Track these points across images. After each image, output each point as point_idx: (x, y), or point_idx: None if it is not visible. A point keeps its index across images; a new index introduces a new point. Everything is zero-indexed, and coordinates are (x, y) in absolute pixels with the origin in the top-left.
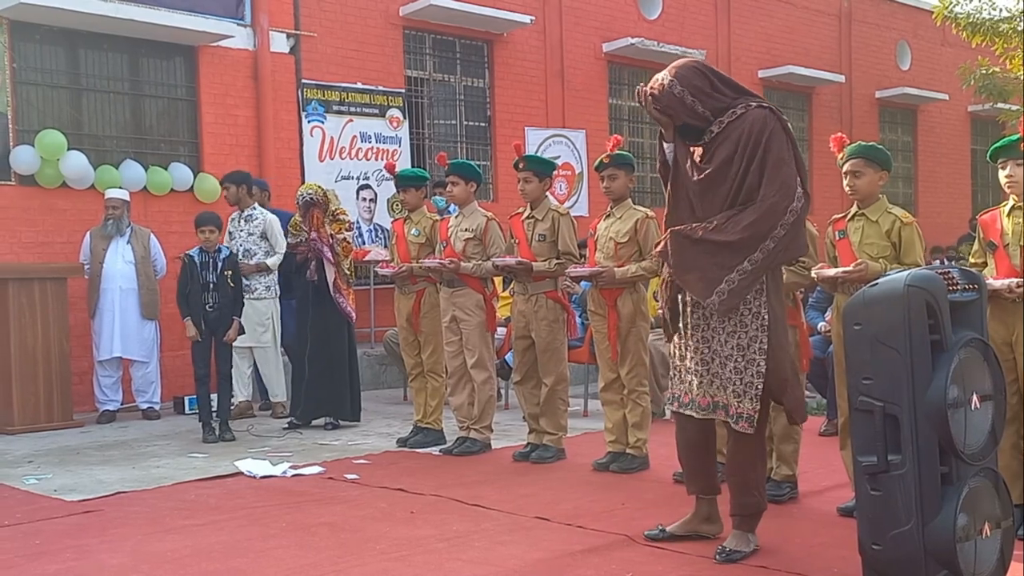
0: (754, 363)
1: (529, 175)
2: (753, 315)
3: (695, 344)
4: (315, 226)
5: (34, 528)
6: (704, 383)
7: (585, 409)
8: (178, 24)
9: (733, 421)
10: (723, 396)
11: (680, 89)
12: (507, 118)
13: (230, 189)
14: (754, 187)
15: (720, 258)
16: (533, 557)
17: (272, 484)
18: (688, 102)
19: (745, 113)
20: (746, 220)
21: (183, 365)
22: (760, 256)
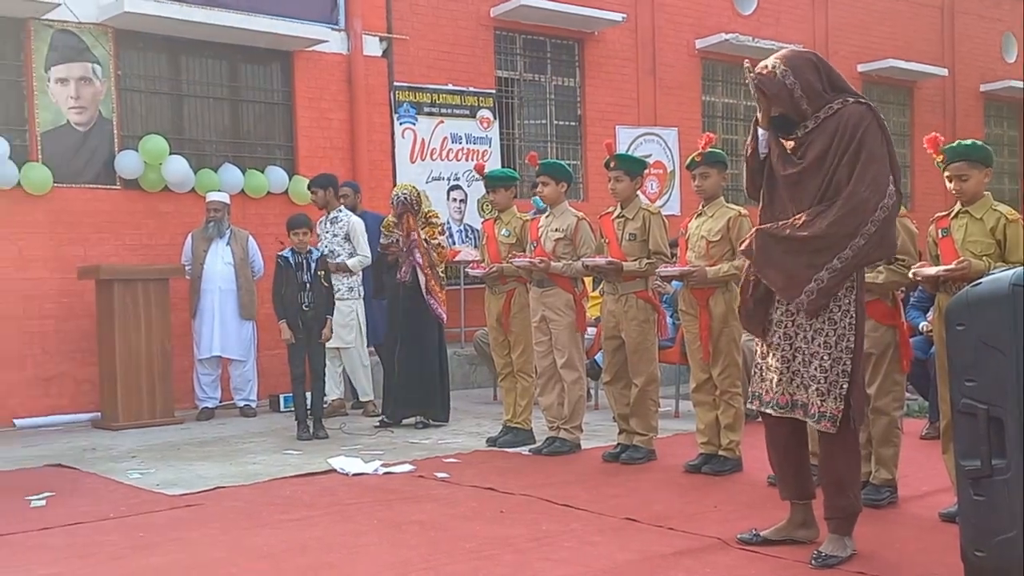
0: (840, 362)
1: (620, 174)
2: (843, 312)
3: (777, 341)
4: (409, 229)
5: (138, 521)
6: (784, 381)
7: (676, 410)
8: (275, 30)
9: (815, 420)
10: (803, 395)
11: (792, 80)
12: (598, 117)
13: (318, 193)
14: (843, 182)
15: (808, 257)
16: (623, 558)
17: (364, 482)
18: (796, 95)
19: (841, 109)
20: (831, 216)
21: (279, 364)
22: (850, 253)
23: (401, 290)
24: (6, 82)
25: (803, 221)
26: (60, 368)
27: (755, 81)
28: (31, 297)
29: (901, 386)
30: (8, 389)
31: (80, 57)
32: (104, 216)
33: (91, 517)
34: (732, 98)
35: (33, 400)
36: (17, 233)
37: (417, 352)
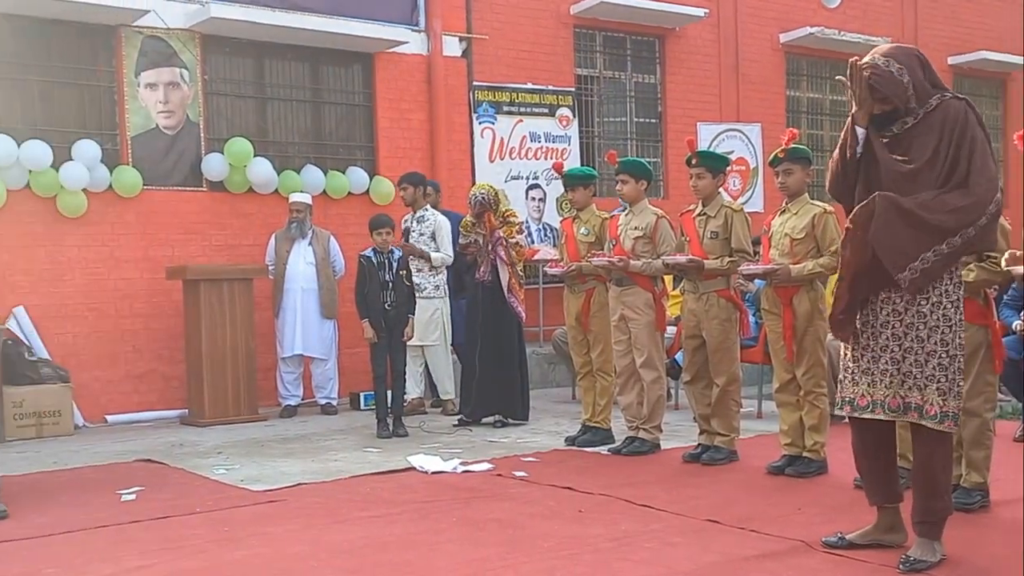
0: (956, 359)
1: (702, 171)
2: (955, 308)
3: (883, 343)
4: (491, 228)
5: (222, 515)
6: (895, 383)
7: (759, 411)
8: (356, 32)
9: (936, 421)
10: (917, 396)
11: (908, 79)
12: (679, 113)
13: (408, 190)
14: (962, 176)
15: (921, 234)
16: (705, 560)
17: (442, 480)
18: (905, 82)
19: (941, 104)
20: (954, 204)
21: (359, 362)
22: (959, 241)
23: (480, 290)
24: (98, 88)
25: (921, 200)
26: (150, 366)
27: (871, 79)
28: (123, 296)
29: (993, 387)
30: (101, 386)
31: (168, 62)
32: (191, 217)
33: (178, 511)
34: (817, 93)
35: (124, 397)
36: (109, 234)
37: (497, 351)
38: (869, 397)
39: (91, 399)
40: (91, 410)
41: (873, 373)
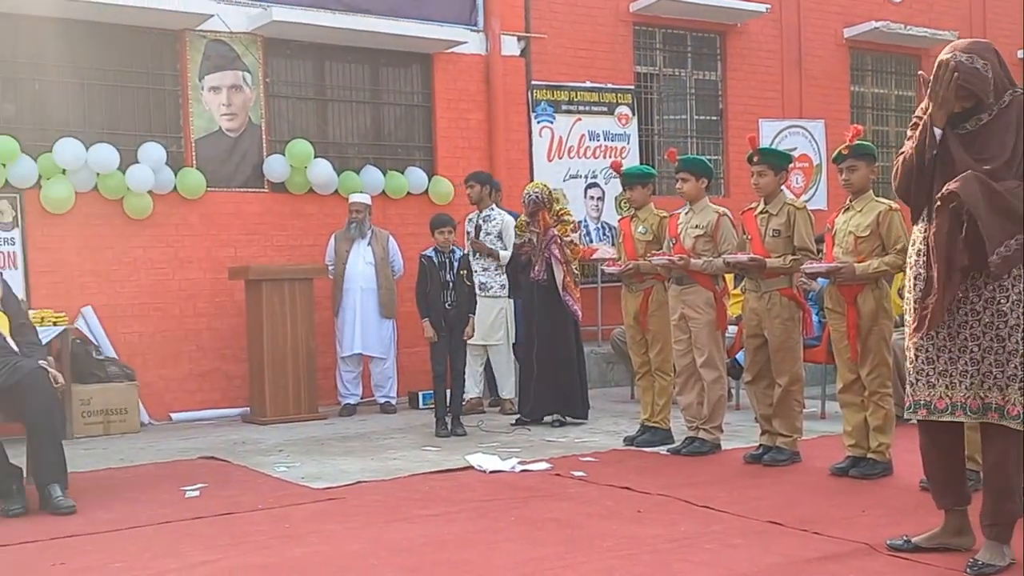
0: None
1: (764, 168)
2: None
3: (961, 343)
4: (545, 227)
5: (283, 512)
6: (975, 384)
7: (822, 411)
8: (415, 33)
9: (1019, 421)
10: (998, 396)
11: (983, 61)
12: (740, 110)
13: (474, 188)
14: None
15: (1003, 220)
16: (766, 562)
17: (501, 479)
18: (989, 77)
19: (1014, 100)
20: None
21: (417, 362)
22: None
23: (536, 289)
24: (163, 92)
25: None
26: (213, 365)
27: (961, 78)
28: (187, 296)
29: None
30: (166, 385)
31: (231, 66)
32: (253, 218)
33: (241, 508)
34: (882, 88)
35: (188, 395)
36: (174, 235)
37: (553, 350)
38: (948, 400)
39: (156, 397)
40: (156, 408)
41: (951, 375)
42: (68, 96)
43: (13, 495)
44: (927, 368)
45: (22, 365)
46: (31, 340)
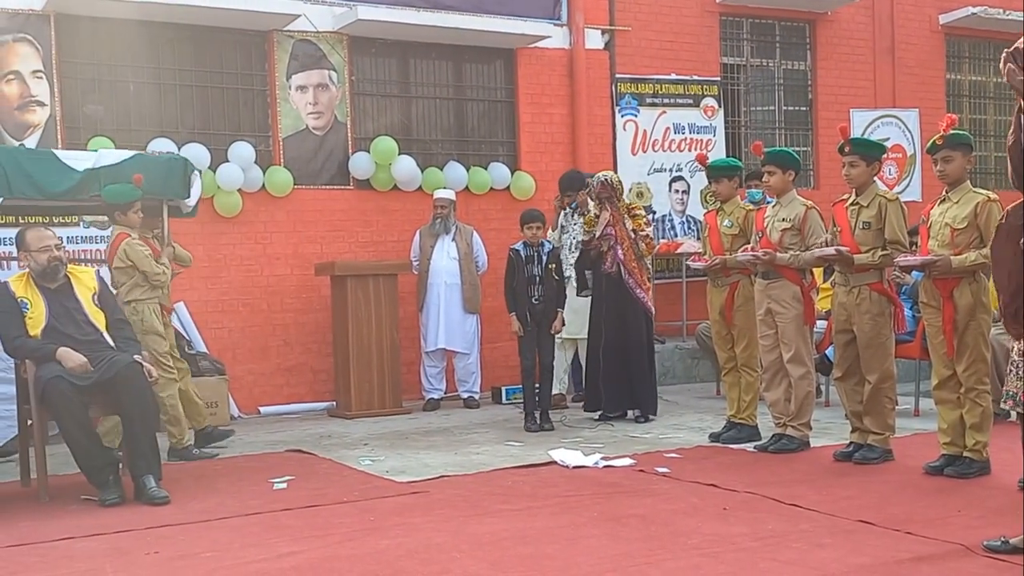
0: None
1: (855, 159)
2: None
3: None
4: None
5: (368, 505)
6: None
7: (916, 408)
8: (499, 29)
9: None
10: None
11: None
12: (830, 100)
13: (571, 196)
14: None
15: None
16: (856, 562)
17: (584, 474)
18: None
19: None
20: None
21: (501, 357)
22: None
23: (605, 283)
24: (252, 91)
25: None
26: (299, 359)
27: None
28: (275, 292)
29: None
30: (255, 379)
31: (318, 65)
32: (338, 215)
33: (327, 500)
34: (980, 76)
35: (276, 389)
36: (262, 232)
37: (622, 345)
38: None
39: (245, 391)
40: (245, 401)
41: None
42: (161, 97)
43: (110, 485)
44: (1019, 360)
45: (118, 360)
46: (126, 335)
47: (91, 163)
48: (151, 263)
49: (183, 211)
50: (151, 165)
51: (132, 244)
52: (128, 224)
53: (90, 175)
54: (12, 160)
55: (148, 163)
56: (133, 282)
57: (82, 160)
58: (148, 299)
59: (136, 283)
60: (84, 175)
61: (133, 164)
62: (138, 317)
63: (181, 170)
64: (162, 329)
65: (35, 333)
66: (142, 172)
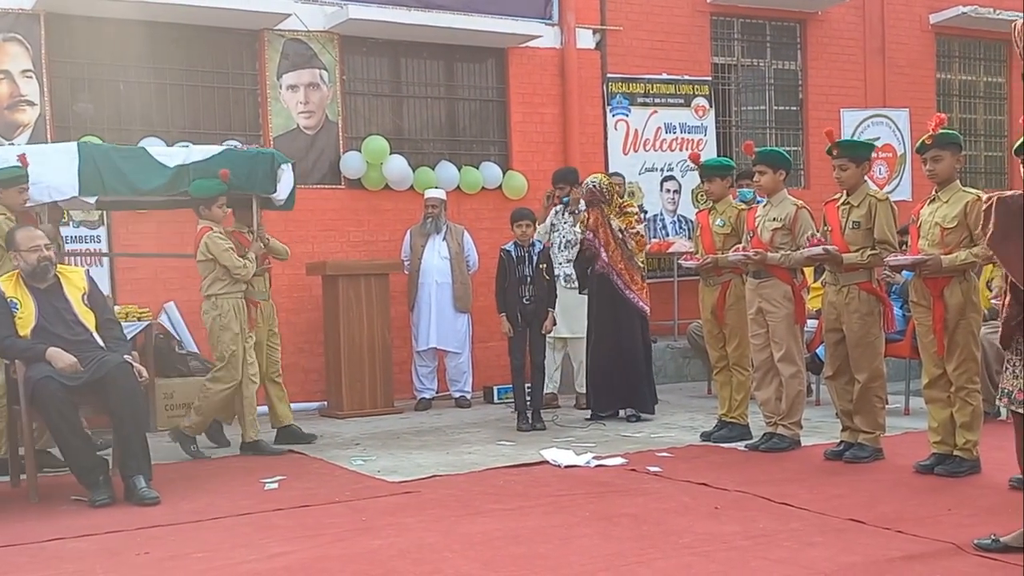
0: None
1: (844, 162)
2: None
3: None
4: (598, 224)
5: (360, 505)
6: None
7: (906, 407)
8: (490, 28)
9: None
10: None
11: None
12: (820, 100)
13: (564, 189)
14: None
15: None
16: (846, 561)
17: (576, 473)
18: None
19: None
20: None
21: (492, 356)
22: None
23: (598, 282)
24: (243, 91)
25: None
26: (291, 359)
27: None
28: None
29: None
30: None
31: (309, 64)
32: (330, 214)
33: (318, 500)
34: (970, 75)
35: None
36: None
37: (616, 344)
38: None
39: None
40: None
41: None
42: (151, 96)
43: (100, 486)
44: (1015, 358)
45: (108, 360)
46: (116, 335)
47: (181, 159)
48: (232, 257)
49: (275, 204)
50: (238, 160)
51: (213, 237)
52: (212, 218)
53: (180, 171)
54: (106, 158)
55: (236, 158)
56: (214, 276)
57: (173, 156)
58: (228, 294)
59: (217, 277)
60: (175, 171)
61: (222, 159)
62: (217, 312)
63: (268, 164)
64: (238, 327)
65: (25, 333)
66: (229, 167)
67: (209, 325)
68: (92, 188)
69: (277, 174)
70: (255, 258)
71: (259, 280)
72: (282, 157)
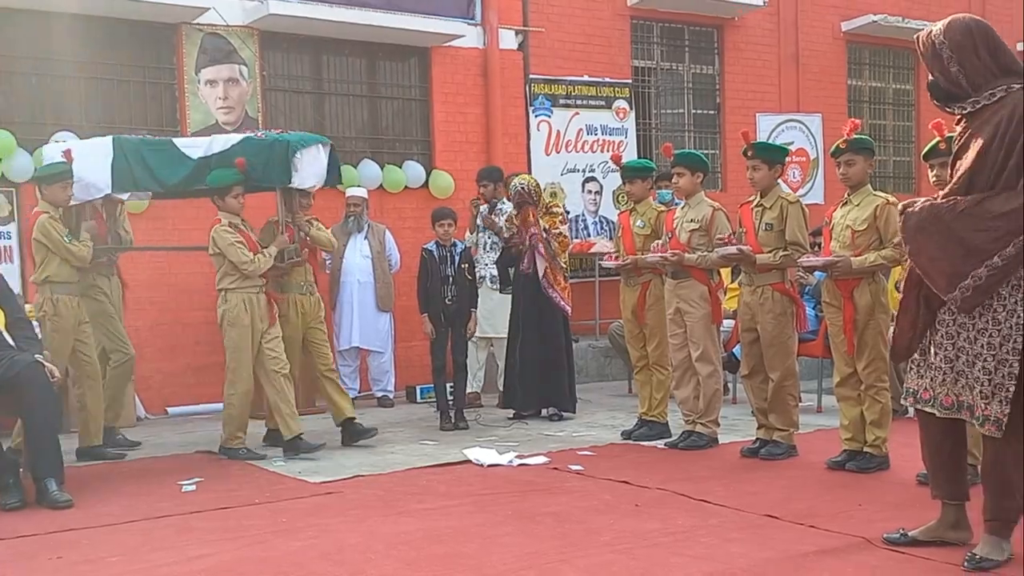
0: (1006, 363)
1: (758, 163)
2: (1008, 312)
3: (940, 340)
4: (531, 222)
5: (281, 507)
6: (948, 381)
7: (819, 405)
8: (413, 27)
9: (979, 423)
10: (968, 396)
11: (942, 40)
12: (737, 105)
13: (488, 187)
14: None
15: (968, 249)
16: (763, 556)
17: (498, 473)
18: (944, 56)
19: (1005, 97)
20: (998, 209)
21: (415, 356)
22: (1012, 252)
23: (523, 282)
24: (160, 85)
25: (963, 209)
26: (210, 359)
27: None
28: (184, 291)
29: None
30: (163, 379)
31: (228, 59)
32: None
33: (238, 502)
34: (880, 82)
35: (185, 389)
36: (171, 229)
37: (538, 344)
38: (931, 392)
39: (153, 391)
40: (153, 402)
41: (933, 368)
42: (65, 90)
43: (10, 489)
44: (919, 358)
45: (18, 360)
46: (27, 335)
47: (203, 150)
48: (238, 252)
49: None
50: (256, 148)
51: (220, 231)
52: (228, 210)
53: (202, 163)
54: (136, 153)
55: (253, 146)
56: (224, 270)
57: (196, 148)
58: (238, 288)
59: (227, 271)
60: (197, 163)
61: (241, 149)
62: (225, 306)
63: (283, 154)
64: (247, 323)
65: None
66: (246, 156)
67: (219, 321)
68: (124, 184)
69: (293, 162)
70: (272, 253)
71: (297, 272)
72: (300, 142)
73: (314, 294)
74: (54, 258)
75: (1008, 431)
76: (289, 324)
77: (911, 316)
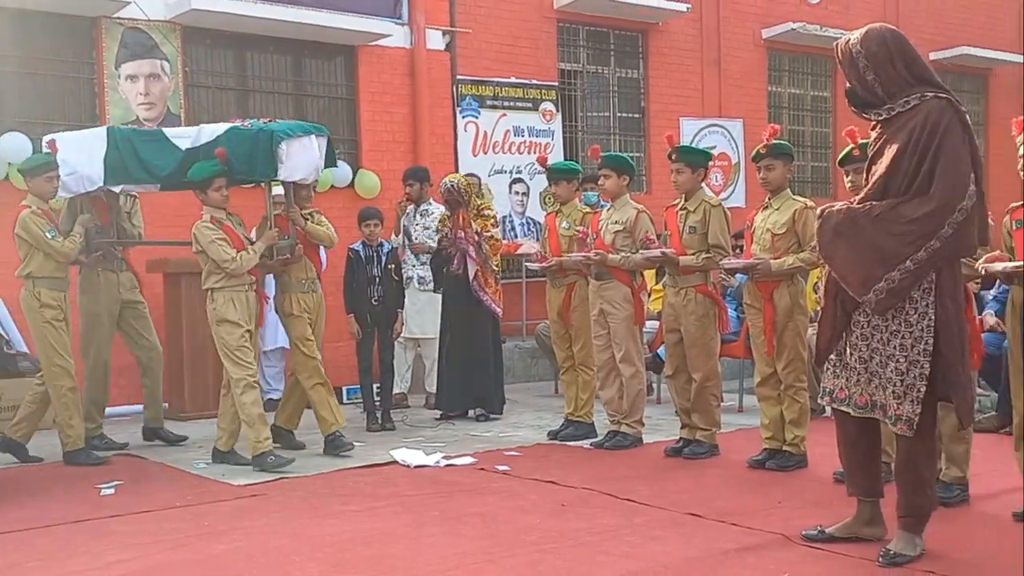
0: (917, 365)
1: (682, 166)
2: (920, 315)
3: (855, 341)
4: (461, 225)
5: (203, 510)
6: (863, 381)
7: (740, 404)
8: (339, 25)
9: (892, 422)
10: (882, 396)
11: (859, 50)
12: (661, 109)
13: (414, 186)
14: (925, 182)
15: (882, 253)
16: (686, 554)
17: (425, 473)
18: (860, 65)
19: (919, 105)
20: (911, 214)
21: (340, 356)
22: (924, 256)
23: (453, 283)
24: (79, 80)
25: (878, 214)
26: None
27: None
28: None
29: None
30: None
31: (149, 54)
32: (171, 210)
33: (158, 505)
34: (799, 88)
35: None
36: None
37: (467, 345)
38: (847, 391)
39: None
40: None
41: (849, 368)
42: None
43: None
44: (834, 359)
45: None
46: None
47: (191, 141)
48: (220, 249)
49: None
50: (240, 139)
51: (200, 227)
52: (211, 204)
53: (190, 154)
54: (128, 145)
55: (238, 137)
56: (208, 268)
57: (184, 138)
58: (224, 287)
59: (211, 270)
60: (185, 154)
61: (226, 139)
62: (212, 305)
63: (266, 144)
64: (235, 318)
65: None
66: (230, 147)
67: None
68: (118, 176)
69: (277, 153)
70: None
71: (297, 269)
72: (286, 132)
73: (316, 291)
74: (37, 253)
75: (920, 430)
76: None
77: (830, 319)
